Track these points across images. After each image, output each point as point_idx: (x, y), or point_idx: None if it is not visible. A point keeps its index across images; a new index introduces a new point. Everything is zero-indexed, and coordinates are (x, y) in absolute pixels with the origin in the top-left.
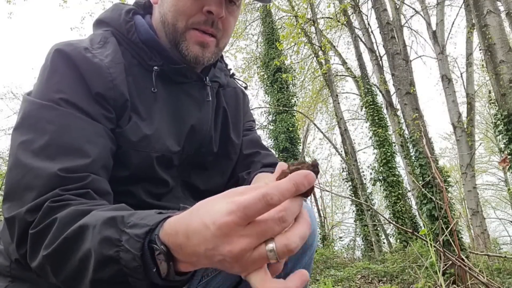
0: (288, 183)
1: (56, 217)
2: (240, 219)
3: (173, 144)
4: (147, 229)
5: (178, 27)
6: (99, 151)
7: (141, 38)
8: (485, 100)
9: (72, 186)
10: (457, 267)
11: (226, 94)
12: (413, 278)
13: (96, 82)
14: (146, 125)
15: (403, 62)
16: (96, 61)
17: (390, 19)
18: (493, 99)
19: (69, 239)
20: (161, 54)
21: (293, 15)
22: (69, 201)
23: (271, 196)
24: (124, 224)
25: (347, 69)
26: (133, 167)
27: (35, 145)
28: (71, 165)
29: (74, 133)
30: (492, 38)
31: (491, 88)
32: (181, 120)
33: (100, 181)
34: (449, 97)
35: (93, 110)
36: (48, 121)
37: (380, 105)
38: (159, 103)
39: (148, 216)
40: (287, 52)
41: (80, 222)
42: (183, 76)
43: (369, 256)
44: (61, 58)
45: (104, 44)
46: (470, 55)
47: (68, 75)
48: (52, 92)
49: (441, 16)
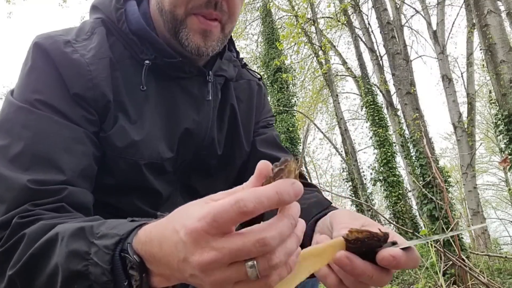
0: (269, 190)
1: (24, 233)
2: (210, 227)
3: (165, 150)
4: (117, 239)
5: (177, 14)
6: (78, 160)
7: (131, 28)
8: (486, 100)
9: (44, 200)
10: (457, 267)
11: (238, 87)
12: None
13: (74, 81)
14: (135, 128)
15: (403, 62)
16: (75, 57)
17: (390, 18)
18: (494, 99)
19: (35, 255)
20: (154, 46)
21: (293, 14)
22: (39, 215)
23: (244, 202)
24: (93, 234)
25: (347, 69)
26: (120, 175)
27: (10, 152)
28: (44, 178)
29: (51, 140)
30: (493, 38)
31: (492, 88)
32: (174, 122)
33: (78, 193)
34: (449, 97)
35: (72, 112)
36: (24, 126)
37: (381, 105)
38: (151, 102)
39: (120, 224)
40: (287, 52)
41: (47, 236)
42: (180, 70)
43: None
44: (38, 54)
45: (91, 35)
46: (471, 55)
47: (46, 72)
48: (29, 92)
49: (442, 15)
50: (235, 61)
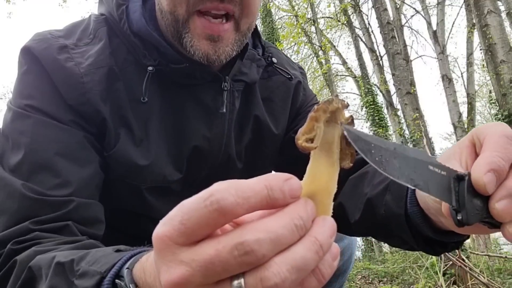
0: (256, 181)
1: (16, 260)
2: (177, 233)
3: (172, 172)
4: (97, 278)
5: (177, 14)
6: (82, 167)
7: (132, 29)
8: (486, 100)
9: (48, 216)
10: (457, 267)
11: (269, 87)
12: (414, 279)
13: (68, 92)
14: (140, 152)
15: (403, 62)
16: (68, 66)
17: (390, 18)
18: (494, 99)
19: (23, 287)
20: (158, 50)
21: (293, 14)
22: (36, 240)
23: (221, 196)
24: (73, 272)
25: (347, 69)
26: (117, 197)
27: (11, 161)
28: (45, 188)
29: (51, 146)
30: (493, 38)
31: (492, 88)
32: (182, 139)
33: (86, 206)
34: (449, 97)
35: (69, 117)
36: (21, 132)
37: (381, 105)
38: (156, 116)
39: (103, 256)
40: (287, 52)
41: (29, 271)
42: (190, 77)
43: (370, 257)
44: (32, 59)
45: (94, 38)
46: (471, 55)
47: (39, 79)
48: (23, 97)
49: (442, 15)
50: (260, 60)
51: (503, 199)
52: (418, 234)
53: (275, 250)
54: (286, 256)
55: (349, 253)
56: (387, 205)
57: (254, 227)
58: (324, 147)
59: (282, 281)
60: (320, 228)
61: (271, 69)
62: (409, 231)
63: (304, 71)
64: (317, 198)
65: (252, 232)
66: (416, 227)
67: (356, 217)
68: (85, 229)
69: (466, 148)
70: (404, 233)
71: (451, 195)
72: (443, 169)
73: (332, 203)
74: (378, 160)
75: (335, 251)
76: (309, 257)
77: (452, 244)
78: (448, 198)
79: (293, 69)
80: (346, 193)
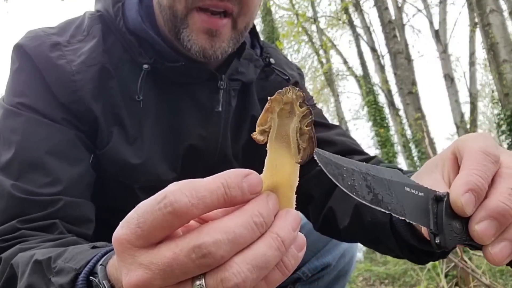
0: (212, 182)
1: (1, 257)
2: (134, 236)
3: (167, 171)
4: (72, 275)
5: (176, 10)
6: (72, 166)
7: (128, 27)
8: (488, 99)
9: (35, 215)
10: (459, 269)
11: (266, 87)
12: (415, 280)
13: (60, 90)
14: (133, 150)
15: (405, 61)
16: (60, 64)
17: (392, 17)
18: (496, 99)
19: (5, 285)
20: (153, 48)
21: (293, 13)
22: (21, 238)
23: (174, 197)
24: (50, 270)
25: (348, 68)
26: (109, 196)
27: (1, 159)
28: (34, 187)
29: (41, 144)
30: (495, 37)
31: (494, 88)
32: (177, 138)
33: (74, 205)
34: (451, 96)
35: (60, 115)
36: (12, 130)
37: (382, 105)
38: (150, 115)
39: (79, 254)
40: (287, 51)
41: (10, 269)
42: (186, 75)
43: (371, 258)
44: (23, 57)
45: (88, 35)
46: (473, 54)
47: (31, 76)
48: (15, 95)
49: (444, 14)
50: (257, 60)
51: (483, 220)
52: (403, 243)
53: (234, 250)
54: (246, 256)
55: (350, 255)
56: (373, 212)
57: (212, 228)
58: (284, 139)
59: (243, 280)
60: (282, 223)
61: (268, 70)
62: (394, 239)
63: (302, 72)
64: (280, 191)
65: (210, 233)
66: (401, 236)
67: (345, 223)
68: (73, 228)
69: (448, 160)
70: (389, 241)
71: (429, 217)
72: (420, 190)
73: (295, 195)
74: (350, 185)
75: (300, 241)
76: (270, 254)
77: (438, 253)
78: (426, 221)
79: (291, 70)
80: (337, 198)
